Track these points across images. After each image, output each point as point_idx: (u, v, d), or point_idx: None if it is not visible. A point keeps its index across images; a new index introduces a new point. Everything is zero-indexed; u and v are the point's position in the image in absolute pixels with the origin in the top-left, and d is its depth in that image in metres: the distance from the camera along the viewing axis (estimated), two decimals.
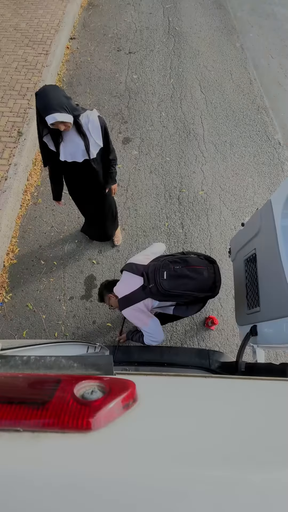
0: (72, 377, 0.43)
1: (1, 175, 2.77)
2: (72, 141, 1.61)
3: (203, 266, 1.54)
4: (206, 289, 1.52)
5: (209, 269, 1.54)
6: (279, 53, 4.39)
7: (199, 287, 1.50)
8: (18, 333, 2.26)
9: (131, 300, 1.55)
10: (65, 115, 1.42)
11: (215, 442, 0.37)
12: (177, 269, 1.50)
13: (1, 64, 3.78)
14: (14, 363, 0.48)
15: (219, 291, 1.58)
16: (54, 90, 1.41)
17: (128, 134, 3.40)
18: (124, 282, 1.62)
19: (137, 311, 1.55)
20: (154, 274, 1.50)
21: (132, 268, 1.61)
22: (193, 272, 1.50)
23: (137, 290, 1.54)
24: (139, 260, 1.67)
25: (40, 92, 1.40)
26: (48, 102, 1.38)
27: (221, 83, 3.94)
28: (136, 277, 1.57)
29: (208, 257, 1.62)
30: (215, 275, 1.54)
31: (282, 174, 3.13)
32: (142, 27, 4.67)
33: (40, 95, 1.40)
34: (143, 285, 1.53)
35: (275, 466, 0.35)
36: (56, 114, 1.39)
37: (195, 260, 1.56)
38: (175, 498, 0.30)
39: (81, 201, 2.15)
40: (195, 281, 1.49)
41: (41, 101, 1.40)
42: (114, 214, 2.34)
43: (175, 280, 1.48)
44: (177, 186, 3.03)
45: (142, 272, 1.56)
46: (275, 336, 1.17)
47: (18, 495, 0.30)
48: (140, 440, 0.36)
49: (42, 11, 4.54)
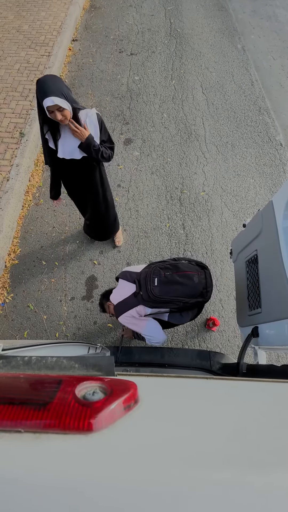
0: (74, 378, 0.43)
1: (3, 176, 2.78)
2: (70, 138, 1.59)
3: (194, 272, 1.54)
4: (196, 295, 1.52)
5: (200, 274, 1.54)
6: (280, 55, 4.39)
7: (189, 293, 1.50)
8: (19, 333, 2.27)
9: (124, 307, 1.56)
10: (63, 101, 1.40)
11: (217, 444, 0.37)
12: (167, 275, 1.50)
13: (4, 65, 3.80)
14: (15, 363, 0.48)
15: (210, 296, 1.57)
16: (54, 78, 1.41)
17: (130, 135, 3.40)
18: (119, 289, 1.63)
19: (131, 317, 1.56)
20: (145, 281, 1.50)
21: (126, 276, 1.63)
22: (183, 278, 1.50)
23: (129, 297, 1.55)
24: (133, 268, 1.69)
25: (41, 78, 1.40)
26: (47, 87, 1.37)
27: (223, 85, 3.95)
28: (129, 284, 1.58)
29: (200, 262, 1.63)
30: (206, 280, 1.54)
31: (284, 175, 3.12)
32: (144, 28, 4.69)
33: (40, 81, 1.39)
34: (135, 292, 1.54)
35: (277, 469, 0.34)
36: (54, 97, 1.37)
37: (186, 266, 1.56)
38: (176, 502, 0.30)
39: (79, 200, 2.14)
40: (185, 287, 1.49)
41: (40, 86, 1.38)
42: (112, 210, 2.30)
43: (166, 286, 1.48)
44: (179, 187, 3.03)
45: (134, 279, 1.57)
46: (276, 338, 1.17)
47: (18, 497, 0.30)
48: (142, 442, 0.36)
49: (45, 13, 4.57)
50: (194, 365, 1.57)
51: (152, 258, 2.60)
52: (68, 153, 1.64)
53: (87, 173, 1.82)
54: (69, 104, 1.44)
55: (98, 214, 2.20)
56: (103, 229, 2.43)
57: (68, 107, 1.44)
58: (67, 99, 1.42)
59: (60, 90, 1.39)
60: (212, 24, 4.82)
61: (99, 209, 2.15)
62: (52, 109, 1.41)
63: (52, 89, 1.37)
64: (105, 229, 2.43)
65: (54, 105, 1.38)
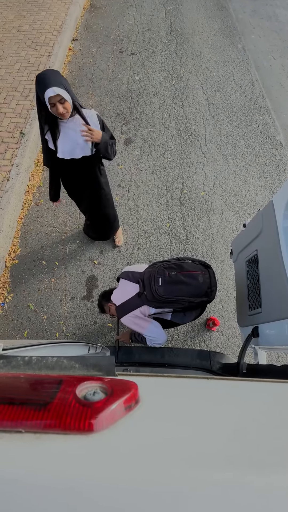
0: (74, 378, 0.43)
1: (3, 175, 2.78)
2: (69, 138, 1.58)
3: (198, 271, 1.53)
4: (201, 294, 1.51)
5: (204, 274, 1.54)
6: (281, 55, 4.39)
7: (194, 292, 1.49)
8: (19, 333, 2.27)
9: (128, 307, 1.55)
10: (64, 91, 1.38)
11: (217, 445, 0.37)
12: (172, 275, 1.49)
13: (4, 65, 3.80)
14: (15, 363, 0.48)
15: (215, 296, 1.57)
16: (54, 71, 1.40)
17: (130, 135, 3.40)
18: (121, 289, 1.61)
19: (135, 318, 1.54)
20: (149, 281, 1.49)
21: (128, 276, 1.61)
22: (187, 277, 1.49)
23: (133, 297, 1.54)
24: (134, 267, 1.67)
25: (40, 73, 1.39)
26: (48, 79, 1.36)
27: (223, 84, 3.94)
28: (132, 284, 1.56)
29: (203, 262, 1.62)
30: (210, 279, 1.54)
31: (284, 175, 3.12)
32: (144, 28, 4.68)
33: (40, 75, 1.38)
34: (139, 292, 1.53)
35: (277, 469, 0.34)
36: (55, 87, 1.35)
37: (190, 265, 1.55)
38: (177, 502, 0.30)
39: (80, 200, 2.13)
40: (190, 286, 1.48)
41: (40, 80, 1.37)
42: (112, 209, 2.29)
43: (170, 286, 1.47)
44: (179, 187, 3.03)
45: (138, 279, 1.55)
46: (276, 338, 1.17)
47: (19, 498, 0.30)
48: (142, 442, 0.36)
49: (45, 13, 4.56)
50: (194, 365, 1.57)
51: (152, 258, 2.60)
52: (67, 153, 1.63)
53: (87, 172, 1.81)
54: (69, 96, 1.43)
55: (98, 213, 2.20)
56: (103, 229, 2.43)
57: (69, 99, 1.42)
58: (68, 92, 1.41)
59: (61, 82, 1.38)
60: (213, 24, 4.82)
61: (99, 209, 2.15)
62: (54, 101, 1.39)
63: (53, 81, 1.36)
64: (105, 229, 2.43)
65: (56, 95, 1.36)
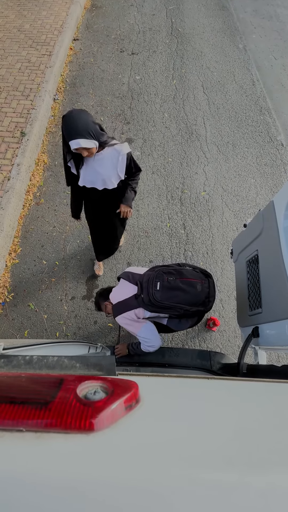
0: (75, 377, 0.43)
1: (4, 175, 2.79)
2: (93, 169, 1.58)
3: (198, 279, 1.51)
4: (198, 303, 1.48)
5: (204, 283, 1.51)
6: (282, 54, 4.39)
7: (190, 300, 1.47)
8: (19, 332, 2.27)
9: (123, 307, 1.54)
10: (89, 141, 1.39)
11: (217, 444, 0.37)
12: (170, 281, 1.47)
13: (5, 65, 3.80)
14: (16, 362, 0.48)
15: (212, 307, 1.54)
16: (80, 114, 1.38)
17: (131, 135, 3.40)
18: (119, 288, 1.61)
19: (129, 318, 1.54)
20: (147, 284, 1.48)
21: (128, 276, 1.60)
22: (186, 284, 1.47)
23: (130, 298, 1.53)
24: (136, 269, 1.67)
25: (67, 115, 1.38)
26: (74, 127, 1.35)
27: (224, 84, 3.94)
28: (131, 285, 1.56)
29: (204, 270, 1.60)
30: (209, 289, 1.51)
31: (285, 175, 3.12)
32: (145, 28, 4.68)
33: (66, 118, 1.37)
34: (136, 294, 1.52)
35: (277, 469, 0.34)
36: (81, 139, 1.36)
37: (190, 273, 1.53)
38: (177, 501, 0.30)
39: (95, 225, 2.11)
40: (188, 294, 1.46)
41: (67, 125, 1.37)
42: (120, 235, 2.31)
43: (168, 291, 1.46)
44: (179, 187, 3.02)
45: (137, 281, 1.55)
46: (277, 338, 1.17)
47: (20, 496, 0.30)
48: (143, 441, 0.36)
49: (46, 13, 4.56)
50: (195, 365, 1.57)
51: (153, 258, 2.60)
52: (89, 182, 1.64)
53: (107, 202, 1.81)
54: (96, 142, 1.44)
55: (109, 238, 2.20)
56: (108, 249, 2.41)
57: (95, 145, 1.44)
58: (94, 137, 1.41)
59: (87, 129, 1.37)
60: (214, 24, 4.81)
61: (112, 235, 2.16)
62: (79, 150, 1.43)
63: (79, 130, 1.35)
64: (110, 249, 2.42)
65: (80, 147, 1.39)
